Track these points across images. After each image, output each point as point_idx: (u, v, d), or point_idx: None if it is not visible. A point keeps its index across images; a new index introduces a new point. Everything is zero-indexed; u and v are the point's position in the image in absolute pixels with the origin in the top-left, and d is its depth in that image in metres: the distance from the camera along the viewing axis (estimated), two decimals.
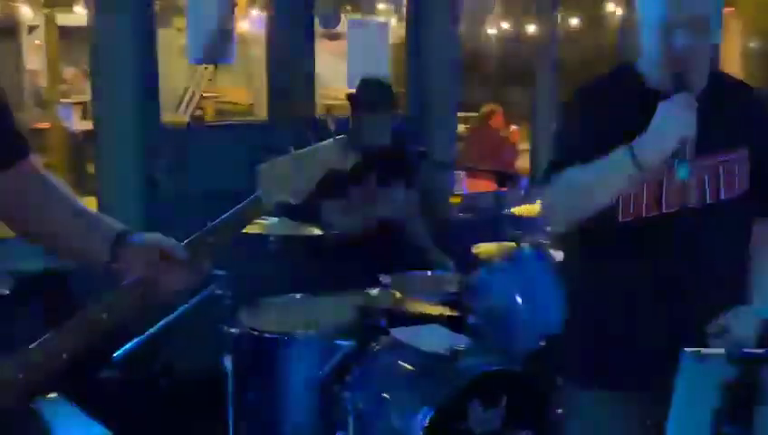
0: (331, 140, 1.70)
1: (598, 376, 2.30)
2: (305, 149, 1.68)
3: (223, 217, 1.66)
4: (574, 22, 7.76)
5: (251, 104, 8.00)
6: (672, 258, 2.15)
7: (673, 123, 1.97)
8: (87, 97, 8.45)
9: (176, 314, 2.96)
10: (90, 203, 1.86)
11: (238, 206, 1.67)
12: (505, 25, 8.30)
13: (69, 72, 8.34)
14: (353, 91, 4.10)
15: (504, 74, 8.13)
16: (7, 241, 2.67)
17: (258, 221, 3.33)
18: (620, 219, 2.13)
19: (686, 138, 1.95)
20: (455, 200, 5.02)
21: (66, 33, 7.59)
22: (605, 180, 2.07)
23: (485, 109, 6.68)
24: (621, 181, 2.05)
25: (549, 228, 2.37)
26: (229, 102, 7.73)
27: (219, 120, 4.69)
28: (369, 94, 4.01)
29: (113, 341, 2.83)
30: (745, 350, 1.80)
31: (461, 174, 5.18)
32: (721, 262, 2.20)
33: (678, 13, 2.05)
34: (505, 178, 4.26)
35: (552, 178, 2.17)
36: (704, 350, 1.86)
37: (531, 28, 8.10)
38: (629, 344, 2.22)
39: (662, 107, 1.99)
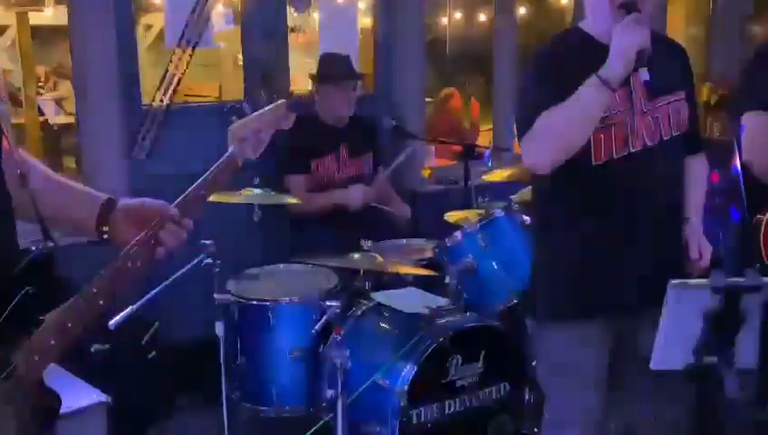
0: (276, 102, 1.72)
1: (575, 304, 2.37)
2: (257, 112, 1.72)
3: (204, 176, 1.66)
4: (522, 11, 7.81)
5: (217, 97, 7.90)
6: (637, 193, 2.29)
7: (630, 38, 2.08)
8: (60, 94, 8.35)
9: (167, 282, 2.87)
10: None
11: (216, 164, 1.67)
12: (458, 15, 8.28)
13: (41, 69, 8.17)
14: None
15: (458, 61, 8.08)
16: None
17: (241, 192, 3.28)
18: (594, 163, 2.24)
19: (643, 47, 2.08)
20: (425, 172, 4.97)
21: (36, 32, 7.40)
22: (580, 109, 2.14)
23: (445, 92, 6.63)
24: (595, 105, 2.13)
25: (531, 169, 2.35)
26: (198, 96, 7.61)
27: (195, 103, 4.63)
28: (327, 67, 3.99)
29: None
30: (728, 279, 1.79)
31: (431, 148, 5.13)
32: (671, 192, 2.39)
33: None
34: (471, 150, 4.26)
35: (527, 122, 2.21)
36: (689, 280, 1.88)
37: (482, 17, 8.13)
38: (602, 273, 2.32)
39: (618, 28, 2.11)
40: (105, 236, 1.67)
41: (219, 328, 3.11)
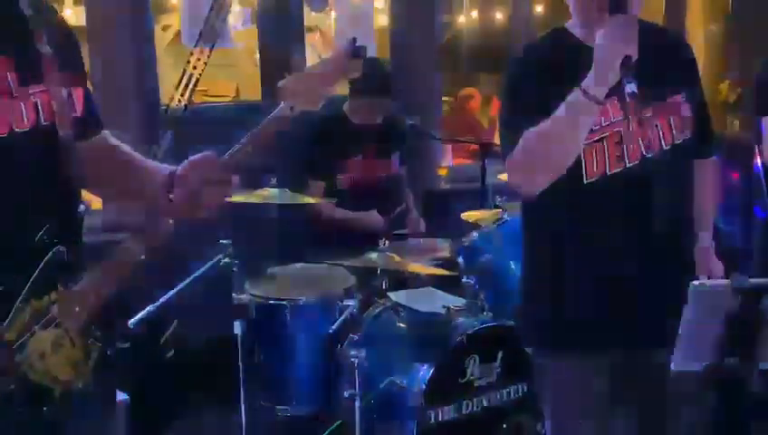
0: (337, 51, 1.67)
1: (565, 336, 2.13)
2: (313, 64, 1.69)
3: (254, 130, 1.64)
4: (539, 9, 7.77)
5: (235, 96, 7.91)
6: (636, 213, 2.05)
7: (613, 45, 1.83)
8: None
9: (185, 282, 2.89)
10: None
11: (267, 118, 1.64)
12: (474, 14, 8.26)
13: None
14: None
15: (475, 60, 8.06)
16: None
17: (259, 192, 3.28)
18: (586, 181, 2.00)
19: (630, 54, 1.82)
20: (442, 172, 4.96)
21: None
22: (565, 125, 1.90)
23: (464, 92, 6.60)
24: (580, 120, 1.90)
25: (520, 191, 2.11)
26: (216, 96, 7.63)
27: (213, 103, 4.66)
28: (366, 79, 3.81)
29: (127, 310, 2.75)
30: (750, 280, 1.76)
31: (448, 147, 5.12)
32: (677, 209, 2.13)
33: None
34: (488, 149, 4.23)
35: (511, 141, 1.98)
36: (709, 281, 1.82)
37: (498, 16, 8.10)
38: (602, 299, 2.08)
39: (600, 33, 1.85)
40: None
41: (237, 328, 3.12)
